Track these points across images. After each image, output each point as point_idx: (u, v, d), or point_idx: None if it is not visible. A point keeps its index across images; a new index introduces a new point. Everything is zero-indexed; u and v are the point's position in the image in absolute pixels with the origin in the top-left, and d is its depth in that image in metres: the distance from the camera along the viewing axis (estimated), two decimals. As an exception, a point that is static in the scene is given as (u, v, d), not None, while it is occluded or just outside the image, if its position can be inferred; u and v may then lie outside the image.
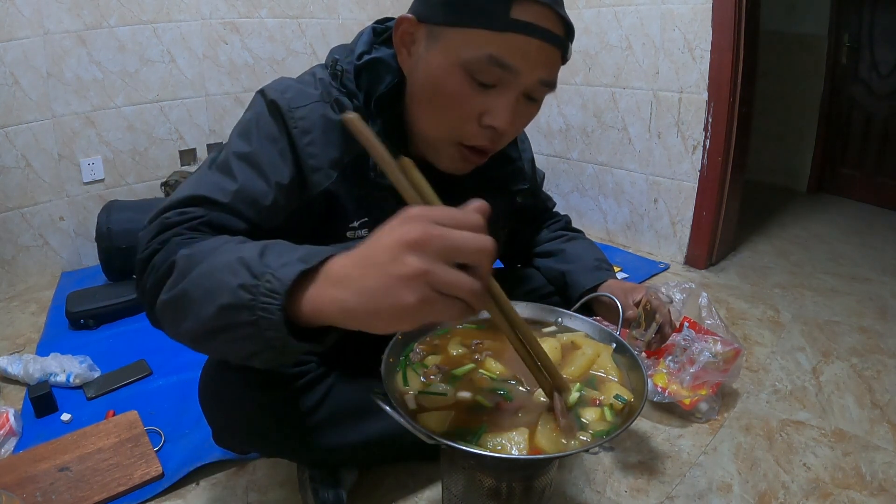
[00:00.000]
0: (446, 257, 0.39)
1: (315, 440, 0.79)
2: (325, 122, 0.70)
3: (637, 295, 0.86)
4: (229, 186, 0.64)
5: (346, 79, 0.72)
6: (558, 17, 0.63)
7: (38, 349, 1.41)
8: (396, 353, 0.68)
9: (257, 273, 0.45)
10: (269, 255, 0.47)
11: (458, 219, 0.41)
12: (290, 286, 0.43)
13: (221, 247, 0.53)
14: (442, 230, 0.39)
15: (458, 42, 0.63)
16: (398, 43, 0.69)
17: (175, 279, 0.52)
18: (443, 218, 0.40)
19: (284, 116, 0.69)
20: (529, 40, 0.62)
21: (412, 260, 0.38)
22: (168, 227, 0.58)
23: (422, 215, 0.41)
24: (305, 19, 2.27)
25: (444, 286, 0.39)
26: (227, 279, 0.47)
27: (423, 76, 0.67)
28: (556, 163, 2.29)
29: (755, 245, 2.17)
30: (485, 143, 0.69)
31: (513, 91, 0.65)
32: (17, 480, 0.92)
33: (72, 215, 1.90)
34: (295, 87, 0.72)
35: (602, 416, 0.60)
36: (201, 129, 2.12)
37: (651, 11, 1.84)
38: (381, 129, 0.71)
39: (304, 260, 0.45)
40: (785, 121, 2.84)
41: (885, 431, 1.10)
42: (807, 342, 1.45)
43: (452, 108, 0.66)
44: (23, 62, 1.69)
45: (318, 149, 0.70)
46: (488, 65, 0.62)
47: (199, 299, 0.49)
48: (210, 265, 0.50)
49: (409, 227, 0.40)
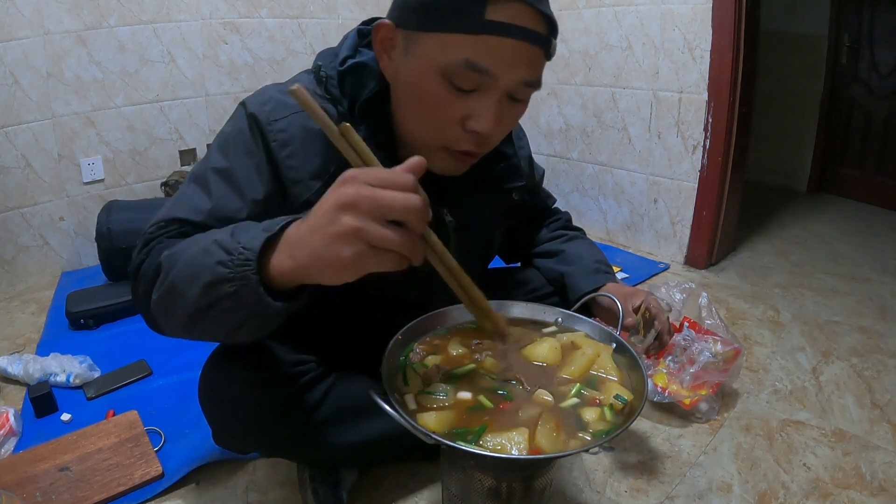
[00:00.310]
0: (377, 215, 0.44)
1: (315, 440, 0.79)
2: (306, 133, 0.70)
3: (636, 300, 0.86)
4: (204, 206, 0.67)
5: (330, 85, 0.72)
6: (538, 13, 0.61)
7: (38, 349, 1.41)
8: (396, 353, 0.68)
9: (230, 248, 0.51)
10: (238, 233, 0.53)
11: (389, 179, 0.45)
12: (259, 253, 0.49)
13: (199, 238, 0.57)
14: (372, 191, 0.44)
15: (434, 47, 0.61)
16: (378, 48, 0.68)
17: (162, 278, 0.57)
18: (375, 179, 0.45)
19: (263, 130, 0.69)
20: (506, 41, 0.60)
21: (346, 219, 0.44)
22: (150, 240, 0.64)
23: (356, 177, 0.46)
24: (305, 19, 2.27)
25: (376, 240, 0.44)
26: (205, 261, 0.52)
27: (403, 82, 0.66)
28: (556, 163, 2.29)
29: (755, 245, 2.17)
30: (470, 147, 0.68)
31: (494, 94, 0.63)
32: (17, 480, 0.92)
33: (72, 215, 1.90)
34: (275, 99, 0.71)
35: (602, 416, 0.60)
36: (201, 129, 2.12)
37: (651, 11, 1.84)
38: (366, 135, 0.70)
39: (267, 229, 0.51)
40: (785, 121, 2.84)
41: (885, 431, 1.11)
42: (807, 342, 1.45)
43: (434, 114, 0.65)
44: (23, 62, 1.69)
45: (299, 161, 0.70)
46: (465, 70, 0.60)
47: (185, 285, 0.54)
48: (190, 255, 0.55)
49: (344, 190, 0.45)
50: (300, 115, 0.70)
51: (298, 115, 0.70)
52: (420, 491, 0.94)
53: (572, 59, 2.10)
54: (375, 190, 0.44)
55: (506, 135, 0.73)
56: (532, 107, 2.47)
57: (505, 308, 0.79)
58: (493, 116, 0.64)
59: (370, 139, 0.69)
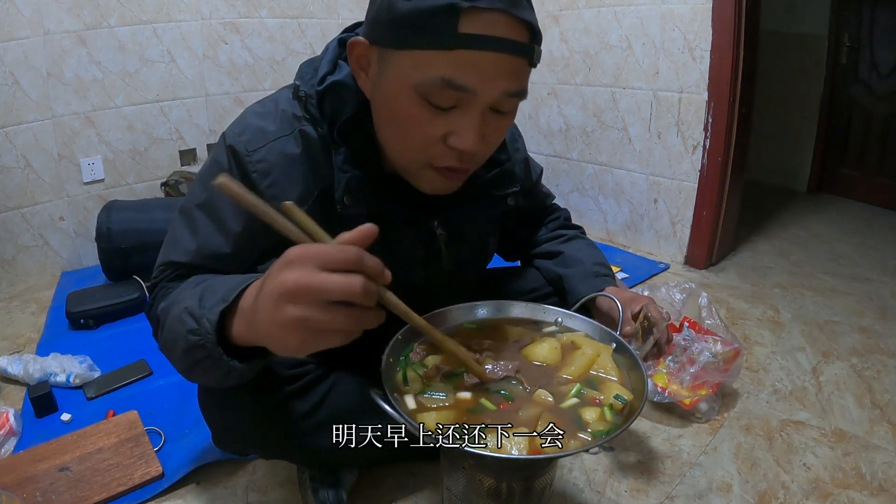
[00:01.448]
0: (319, 302, 0.44)
1: (315, 441, 0.78)
2: (285, 160, 0.69)
3: (635, 306, 0.84)
4: (191, 246, 0.70)
5: (309, 104, 0.69)
6: (516, 21, 0.57)
7: (38, 349, 1.41)
8: (396, 353, 0.68)
9: (197, 317, 0.54)
10: (205, 298, 0.56)
11: (333, 257, 0.44)
12: (217, 325, 0.53)
13: (179, 297, 0.61)
14: (312, 278, 0.43)
15: (408, 66, 0.58)
16: (354, 66, 0.66)
17: (158, 333, 0.65)
18: (317, 259, 0.44)
19: (242, 161, 0.69)
20: (484, 54, 0.56)
21: (289, 309, 0.44)
22: (154, 286, 0.72)
23: (298, 259, 0.45)
24: (305, 19, 2.27)
25: (319, 326, 0.44)
26: (180, 329, 0.56)
27: (380, 101, 0.64)
28: (556, 163, 2.29)
29: (755, 245, 2.17)
30: (455, 163, 0.64)
31: (475, 109, 0.60)
32: (17, 480, 0.92)
33: (72, 215, 1.90)
34: (253, 127, 0.70)
35: (602, 416, 0.60)
36: (201, 129, 2.12)
37: (651, 11, 1.84)
38: (346, 157, 0.68)
39: (224, 298, 0.53)
40: (785, 121, 2.84)
41: (885, 431, 1.11)
42: (807, 342, 1.45)
43: (414, 133, 0.62)
44: (23, 62, 1.69)
45: (281, 189, 0.69)
46: (442, 88, 0.57)
47: (171, 347, 0.61)
48: (170, 319, 0.60)
49: (285, 276, 0.44)
50: (279, 142, 0.69)
51: (277, 142, 0.69)
52: (420, 491, 0.94)
53: (572, 59, 2.10)
54: (315, 276, 0.43)
55: (494, 149, 0.70)
56: (532, 107, 2.48)
57: (505, 308, 0.79)
58: (476, 133, 0.60)
59: (353, 161, 0.69)
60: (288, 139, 0.70)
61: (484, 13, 0.55)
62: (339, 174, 0.68)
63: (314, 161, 0.70)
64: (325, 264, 0.43)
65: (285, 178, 0.69)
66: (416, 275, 0.80)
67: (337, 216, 0.69)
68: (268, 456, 0.90)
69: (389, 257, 0.78)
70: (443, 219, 0.79)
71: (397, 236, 0.76)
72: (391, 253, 0.77)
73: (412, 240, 0.78)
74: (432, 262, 0.81)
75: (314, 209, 0.70)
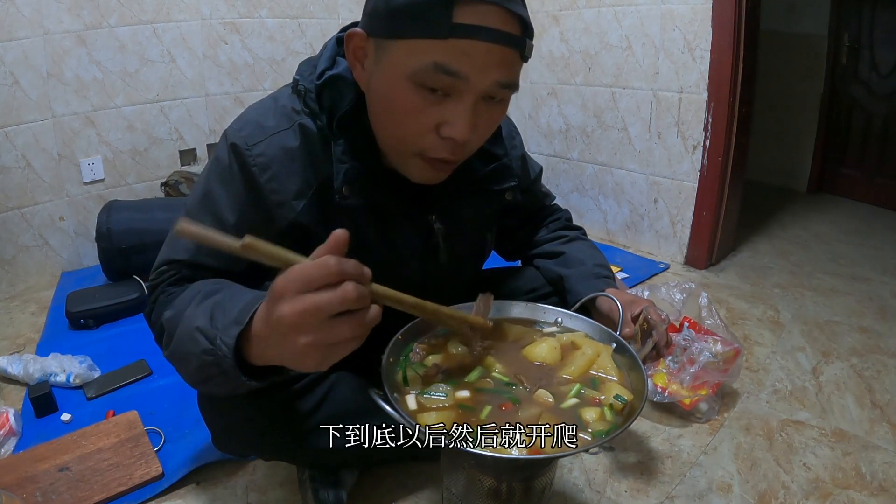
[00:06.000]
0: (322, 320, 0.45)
1: (315, 442, 0.78)
2: (284, 154, 0.70)
3: (635, 309, 0.84)
4: (190, 243, 0.69)
5: (308, 98, 0.71)
6: (510, 14, 0.59)
7: (38, 349, 1.41)
8: (396, 353, 0.68)
9: (211, 338, 0.55)
10: (216, 318, 0.56)
11: (317, 277, 0.45)
12: (235, 347, 0.53)
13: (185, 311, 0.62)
14: (307, 303, 0.45)
15: (403, 54, 0.60)
16: (351, 58, 0.67)
17: (165, 342, 0.65)
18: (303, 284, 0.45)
19: (243, 157, 0.69)
20: (477, 44, 0.58)
21: (299, 339, 0.46)
22: (154, 287, 0.71)
23: (286, 290, 0.46)
24: (305, 19, 2.27)
25: (331, 342, 0.47)
26: (192, 348, 0.57)
27: (375, 91, 0.65)
28: (556, 163, 2.29)
29: (755, 245, 2.17)
30: (446, 154, 0.66)
31: (468, 98, 0.61)
32: (17, 480, 0.92)
33: (72, 215, 1.90)
34: (252, 123, 0.71)
35: (602, 416, 0.60)
36: (201, 129, 2.12)
37: (651, 11, 1.84)
38: (345, 149, 0.69)
39: (238, 321, 0.54)
40: (785, 121, 2.84)
41: (885, 431, 1.11)
42: (807, 342, 1.45)
43: (408, 122, 0.64)
44: (23, 62, 1.69)
45: (280, 183, 0.70)
46: (434, 72, 0.59)
47: (181, 362, 0.62)
48: (179, 335, 0.61)
49: (281, 311, 0.46)
50: (278, 136, 0.70)
51: (276, 136, 0.70)
52: (420, 491, 0.94)
53: (572, 59, 2.10)
54: (308, 301, 0.44)
55: (484, 140, 0.71)
56: (532, 107, 2.48)
57: (505, 308, 0.79)
58: (468, 122, 0.62)
59: (351, 153, 0.69)
60: (287, 133, 0.70)
61: (478, 5, 0.57)
62: (338, 165, 0.69)
63: (313, 154, 0.71)
64: (310, 285, 0.45)
65: (284, 171, 0.70)
66: (413, 269, 0.81)
67: (336, 208, 0.71)
68: (268, 457, 0.90)
69: (387, 251, 0.79)
70: (440, 213, 0.80)
71: (395, 230, 0.77)
72: (389, 247, 0.77)
73: (410, 233, 0.79)
74: (430, 257, 0.82)
75: (313, 202, 0.71)
